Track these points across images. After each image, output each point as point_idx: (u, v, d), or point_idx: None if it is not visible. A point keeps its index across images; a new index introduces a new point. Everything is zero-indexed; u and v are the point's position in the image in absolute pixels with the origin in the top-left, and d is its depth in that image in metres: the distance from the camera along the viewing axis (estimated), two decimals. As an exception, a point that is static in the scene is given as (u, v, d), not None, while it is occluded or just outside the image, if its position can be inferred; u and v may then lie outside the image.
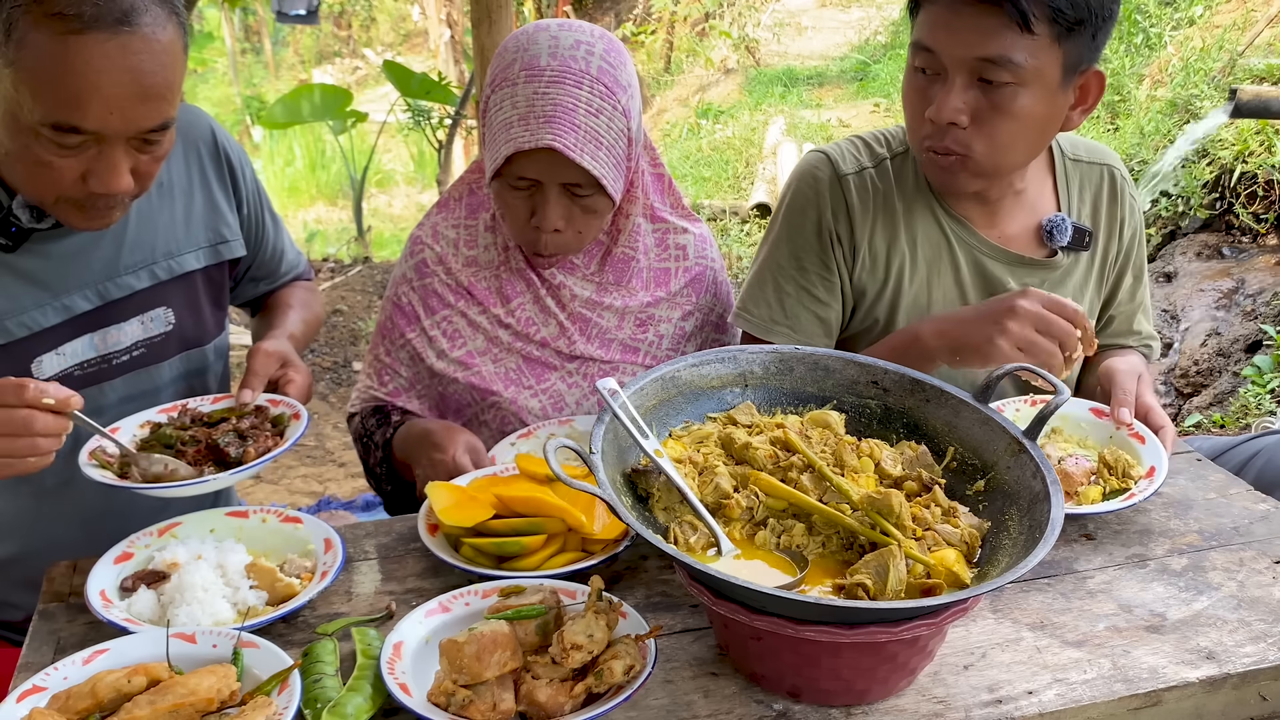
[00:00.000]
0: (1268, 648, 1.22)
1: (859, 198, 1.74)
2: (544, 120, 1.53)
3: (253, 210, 1.81)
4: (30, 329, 1.52)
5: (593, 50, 1.58)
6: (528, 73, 1.56)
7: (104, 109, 1.31)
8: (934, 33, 1.54)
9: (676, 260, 1.84)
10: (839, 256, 1.74)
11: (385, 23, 15.21)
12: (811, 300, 1.75)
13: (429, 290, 1.78)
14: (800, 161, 1.82)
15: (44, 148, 1.33)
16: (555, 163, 1.55)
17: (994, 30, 1.49)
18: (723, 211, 7.65)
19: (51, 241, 1.52)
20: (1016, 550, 1.12)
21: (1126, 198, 1.83)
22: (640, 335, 1.81)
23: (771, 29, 11.66)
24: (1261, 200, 5.07)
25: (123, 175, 1.37)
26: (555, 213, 1.60)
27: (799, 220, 1.76)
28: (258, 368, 1.58)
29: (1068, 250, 1.77)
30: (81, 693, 1.08)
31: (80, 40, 1.27)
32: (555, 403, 1.78)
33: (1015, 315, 1.46)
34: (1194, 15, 6.84)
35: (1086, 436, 1.61)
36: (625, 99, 1.60)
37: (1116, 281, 1.87)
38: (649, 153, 1.78)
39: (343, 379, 5.29)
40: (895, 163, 1.77)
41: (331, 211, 10.21)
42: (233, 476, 1.41)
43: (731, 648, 1.19)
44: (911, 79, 1.62)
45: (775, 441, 1.26)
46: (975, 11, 1.50)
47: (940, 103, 1.55)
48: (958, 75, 1.54)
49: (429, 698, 1.10)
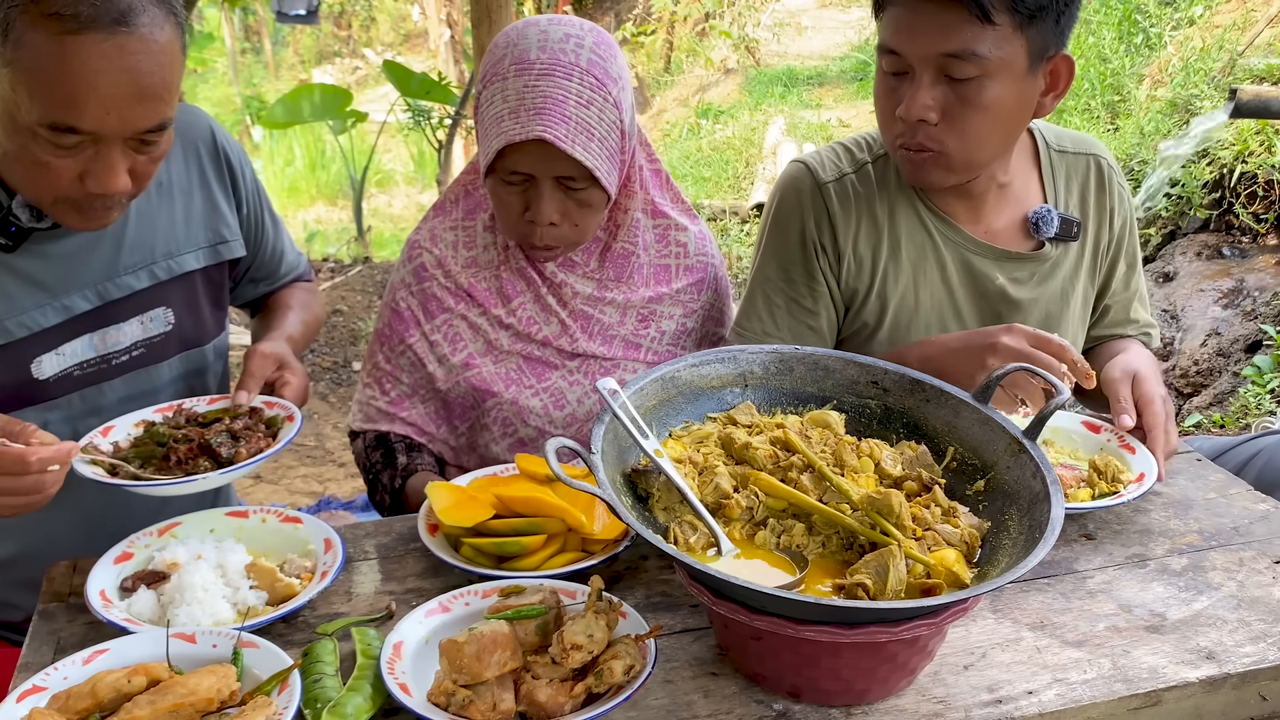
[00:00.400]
0: (1268, 648, 1.22)
1: (840, 204, 1.75)
2: (534, 112, 1.53)
3: (252, 210, 1.81)
4: (30, 329, 1.52)
5: (582, 43, 1.58)
6: (517, 66, 1.56)
7: (101, 109, 1.30)
8: (896, 34, 1.56)
9: (677, 258, 1.84)
10: (824, 265, 1.76)
11: (385, 23, 15.21)
12: (801, 311, 1.77)
13: (428, 295, 1.78)
14: (782, 174, 1.83)
15: (41, 148, 1.33)
16: (547, 155, 1.55)
17: (955, 25, 1.50)
18: (723, 211, 7.65)
19: (51, 241, 1.52)
20: (1016, 550, 1.12)
21: (1114, 186, 1.83)
22: (642, 330, 1.81)
23: (771, 29, 11.66)
24: (1261, 200, 5.07)
25: (120, 176, 1.37)
26: (549, 206, 1.60)
27: (783, 233, 1.78)
28: (254, 369, 1.58)
29: (1056, 241, 1.78)
30: (81, 693, 1.08)
31: (77, 40, 1.27)
32: (556, 401, 1.78)
33: (995, 353, 1.48)
34: (1194, 15, 6.84)
35: (1078, 449, 1.63)
36: (616, 91, 1.60)
37: (1110, 271, 1.87)
38: (645, 149, 1.78)
39: (343, 379, 5.29)
40: (877, 166, 1.78)
41: (331, 211, 10.21)
42: (222, 476, 1.41)
43: (731, 648, 1.19)
44: (882, 81, 1.63)
45: (775, 441, 1.26)
46: (935, 9, 1.51)
47: (909, 101, 1.56)
48: (924, 73, 1.55)
49: (429, 698, 1.10)
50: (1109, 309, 1.90)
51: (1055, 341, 1.48)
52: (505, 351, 1.77)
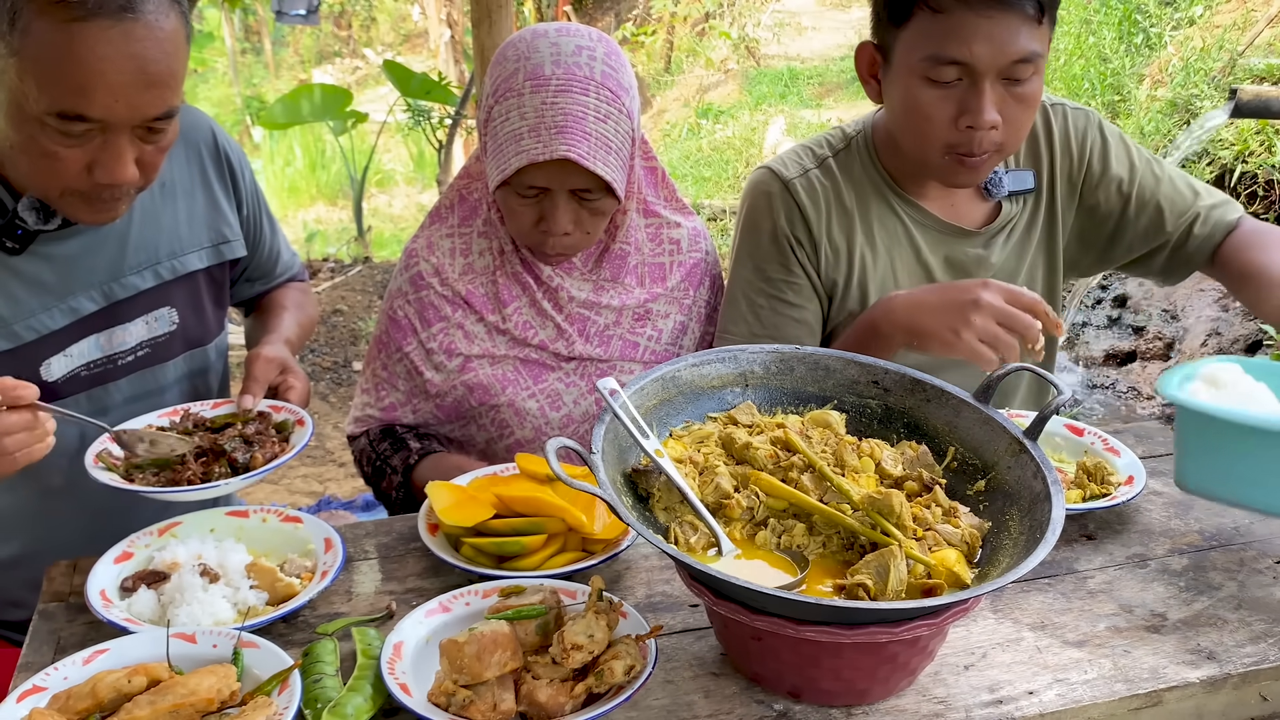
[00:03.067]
0: (1268, 648, 1.22)
1: (808, 197, 1.77)
2: (556, 131, 1.53)
3: (251, 211, 1.82)
4: (38, 332, 1.52)
5: (594, 55, 1.59)
6: (533, 82, 1.56)
7: (109, 96, 1.31)
8: (963, 45, 1.54)
9: (671, 255, 1.84)
10: (802, 258, 1.77)
11: (385, 23, 15.22)
12: (785, 306, 1.78)
13: (425, 303, 1.78)
14: (747, 183, 1.86)
15: (50, 138, 1.34)
16: (566, 171, 1.56)
17: (1019, 29, 1.52)
18: (723, 211, 7.65)
19: (56, 243, 1.53)
20: (1017, 550, 1.12)
21: (1055, 119, 1.82)
22: (639, 330, 1.81)
23: (771, 29, 11.67)
24: (1261, 200, 5.07)
25: (128, 165, 1.38)
26: (565, 218, 1.61)
27: (754, 234, 1.80)
28: (258, 374, 1.58)
29: (1015, 196, 1.80)
30: (81, 693, 1.08)
31: (84, 28, 1.28)
32: (553, 402, 1.78)
33: (978, 309, 1.46)
34: (1194, 15, 6.84)
35: (1061, 452, 1.64)
36: (628, 101, 1.61)
37: (1101, 184, 1.82)
38: (642, 147, 1.79)
39: (342, 379, 5.29)
40: (839, 159, 1.80)
41: (331, 211, 10.22)
42: (243, 481, 1.41)
43: (732, 648, 1.19)
44: (927, 90, 1.59)
45: (776, 441, 1.26)
46: (1002, 15, 1.52)
47: (980, 110, 1.56)
48: (990, 79, 1.56)
49: (429, 698, 1.10)
50: (1160, 207, 1.81)
51: (1028, 296, 1.47)
52: (501, 355, 1.77)
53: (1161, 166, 1.86)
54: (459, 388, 1.77)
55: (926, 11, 1.56)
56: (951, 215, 1.79)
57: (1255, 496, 1.32)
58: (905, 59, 1.61)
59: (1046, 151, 1.83)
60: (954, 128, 1.60)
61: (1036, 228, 1.84)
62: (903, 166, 1.78)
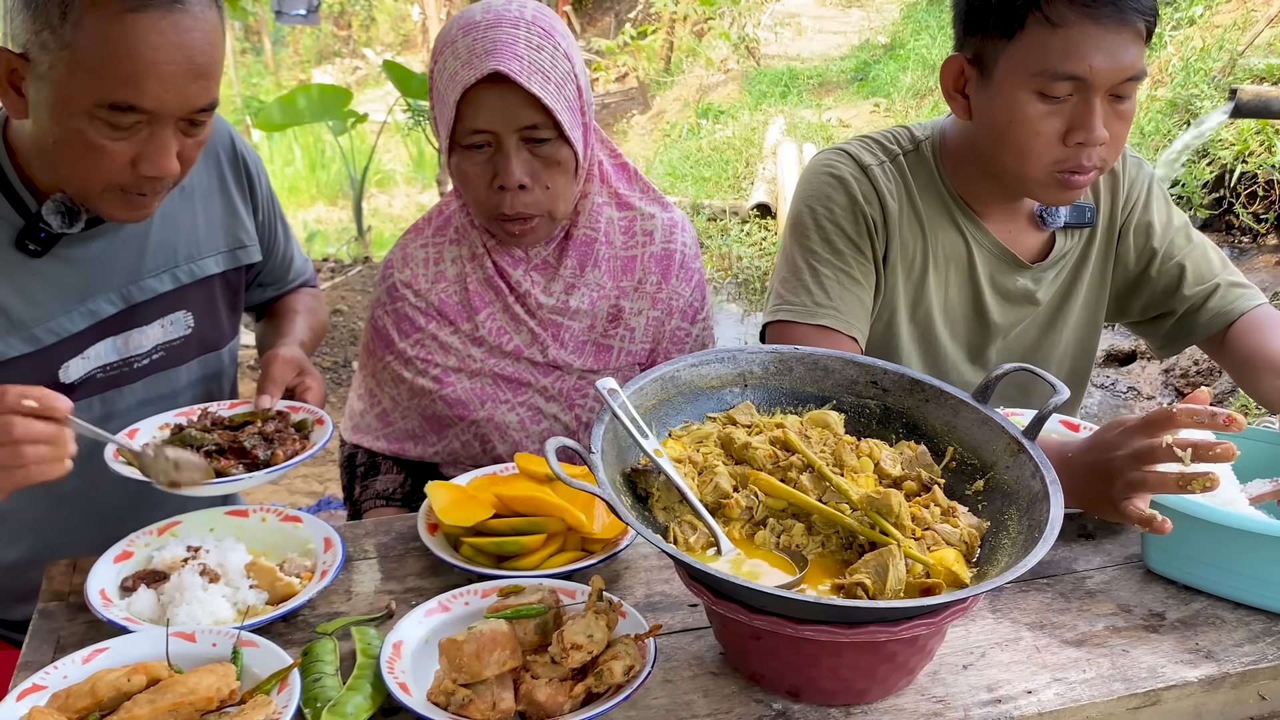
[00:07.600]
0: (1266, 647, 1.23)
1: (886, 186, 1.73)
2: (485, 55, 1.54)
3: (266, 217, 1.83)
4: (58, 335, 1.53)
5: (525, 5, 1.61)
6: (464, 29, 1.58)
7: (160, 86, 1.34)
8: (1082, 60, 1.50)
9: (643, 246, 1.80)
10: (874, 242, 1.73)
11: (385, 23, 15.21)
12: (851, 282, 1.71)
13: (400, 314, 1.79)
14: (814, 161, 1.80)
15: (97, 131, 1.35)
16: (506, 104, 1.55)
17: (1132, 45, 1.52)
18: (723, 211, 7.65)
19: (76, 246, 1.53)
20: (1016, 550, 1.12)
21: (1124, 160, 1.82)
22: (612, 331, 1.80)
23: (771, 29, 11.67)
24: (1261, 200, 5.07)
25: (173, 158, 1.40)
26: (517, 166, 1.59)
27: (826, 205, 1.73)
28: (275, 374, 1.59)
29: (1069, 229, 1.79)
30: (81, 692, 1.08)
31: (136, 18, 1.31)
32: (533, 416, 1.78)
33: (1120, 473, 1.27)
34: (1194, 15, 6.85)
35: None
36: (566, 44, 1.61)
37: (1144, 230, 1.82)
38: (605, 145, 1.78)
39: (343, 379, 5.30)
40: (909, 159, 1.77)
41: (331, 211, 10.21)
42: (267, 476, 1.41)
43: (731, 647, 1.19)
44: (1035, 105, 1.55)
45: (775, 441, 1.26)
46: (1122, 31, 1.51)
47: (1093, 125, 1.53)
48: (1100, 95, 1.54)
49: (429, 697, 1.10)
50: (1183, 268, 1.81)
51: (1160, 419, 1.26)
52: (477, 370, 1.77)
53: (1195, 233, 1.86)
54: (437, 401, 1.77)
55: (1044, 25, 1.51)
56: (1009, 241, 1.76)
57: (1218, 585, 1.31)
58: (1013, 73, 1.55)
59: (1108, 189, 1.82)
60: (1061, 144, 1.56)
61: (1088, 265, 1.82)
62: (970, 184, 1.74)
